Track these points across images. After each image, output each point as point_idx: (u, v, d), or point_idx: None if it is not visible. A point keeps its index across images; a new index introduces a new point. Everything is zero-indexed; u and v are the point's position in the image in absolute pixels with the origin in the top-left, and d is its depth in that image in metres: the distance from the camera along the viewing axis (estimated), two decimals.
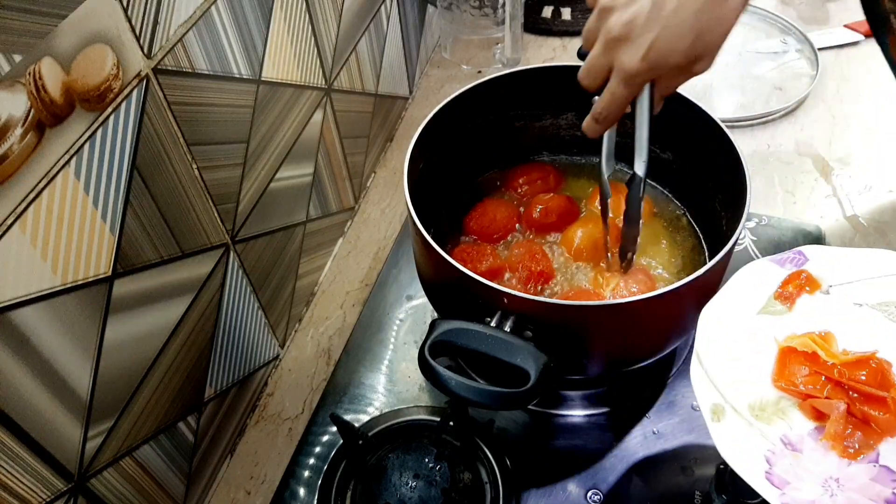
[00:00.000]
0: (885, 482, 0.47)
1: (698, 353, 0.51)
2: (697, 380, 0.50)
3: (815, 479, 0.47)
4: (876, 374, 0.50)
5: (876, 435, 0.48)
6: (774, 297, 0.55)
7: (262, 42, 0.64)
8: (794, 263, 0.56)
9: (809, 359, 0.51)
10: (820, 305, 0.55)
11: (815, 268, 0.56)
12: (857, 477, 0.47)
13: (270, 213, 0.71)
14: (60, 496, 0.49)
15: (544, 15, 1.17)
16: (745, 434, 0.49)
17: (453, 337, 0.52)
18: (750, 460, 0.47)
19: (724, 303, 0.54)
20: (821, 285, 0.55)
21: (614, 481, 0.66)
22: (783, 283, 0.55)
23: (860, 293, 0.55)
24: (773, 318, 0.54)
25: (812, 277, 0.55)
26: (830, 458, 0.48)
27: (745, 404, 0.50)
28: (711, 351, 0.52)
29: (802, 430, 0.49)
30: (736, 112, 0.99)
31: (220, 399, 0.68)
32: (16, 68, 0.40)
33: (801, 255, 0.57)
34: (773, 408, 0.50)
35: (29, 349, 0.44)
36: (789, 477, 0.47)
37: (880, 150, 0.94)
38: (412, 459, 0.65)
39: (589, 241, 0.71)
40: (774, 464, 0.47)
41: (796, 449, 0.48)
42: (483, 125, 0.76)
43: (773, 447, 0.48)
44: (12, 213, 0.41)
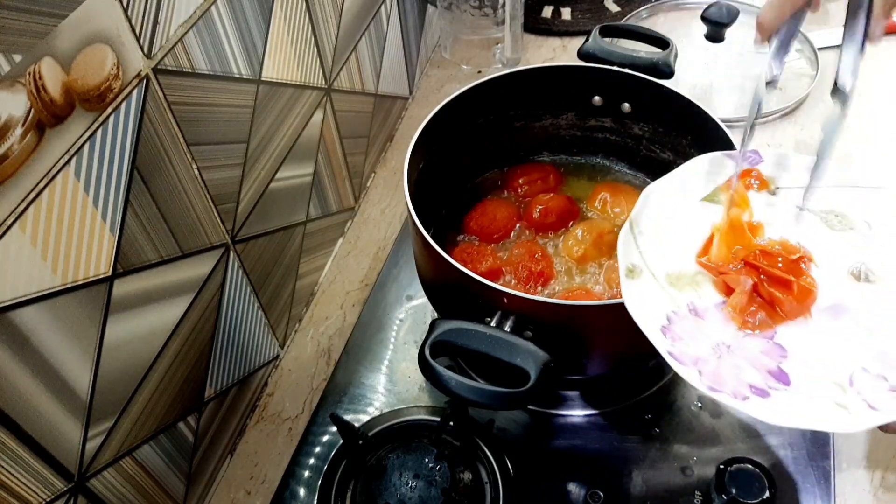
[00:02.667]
0: (774, 356, 0.50)
1: (632, 218, 0.54)
2: (623, 241, 0.52)
3: (707, 342, 0.50)
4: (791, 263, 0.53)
5: (778, 317, 0.51)
6: (721, 188, 0.57)
7: (262, 42, 0.64)
8: (748, 161, 0.59)
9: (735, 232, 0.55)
10: (765, 203, 0.57)
11: (768, 168, 0.58)
12: (749, 347, 0.50)
13: (270, 213, 0.71)
14: (60, 496, 0.49)
15: (544, 15, 1.17)
16: (656, 295, 0.51)
17: (453, 337, 0.52)
18: (651, 315, 0.49)
19: (671, 183, 0.57)
20: (770, 185, 0.58)
21: (614, 481, 0.66)
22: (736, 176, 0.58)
23: (808, 199, 0.57)
24: (715, 206, 0.57)
25: (763, 177, 0.58)
26: (729, 328, 0.51)
27: (662, 271, 0.53)
28: (645, 220, 0.55)
29: (710, 301, 0.52)
30: (736, 112, 0.98)
31: (220, 399, 0.68)
32: (16, 68, 0.40)
33: (756, 154, 0.59)
34: (688, 279, 0.53)
35: (29, 349, 0.44)
36: (684, 335, 0.49)
37: (880, 150, 0.94)
38: (412, 459, 0.65)
39: (589, 242, 0.71)
40: (674, 322, 0.50)
41: (700, 315, 0.51)
42: (483, 125, 0.76)
43: (677, 309, 0.51)
44: (12, 213, 0.41)
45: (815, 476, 0.65)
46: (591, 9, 1.18)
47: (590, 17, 1.16)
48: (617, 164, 0.82)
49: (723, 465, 0.59)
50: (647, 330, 0.48)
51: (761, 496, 0.57)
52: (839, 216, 0.56)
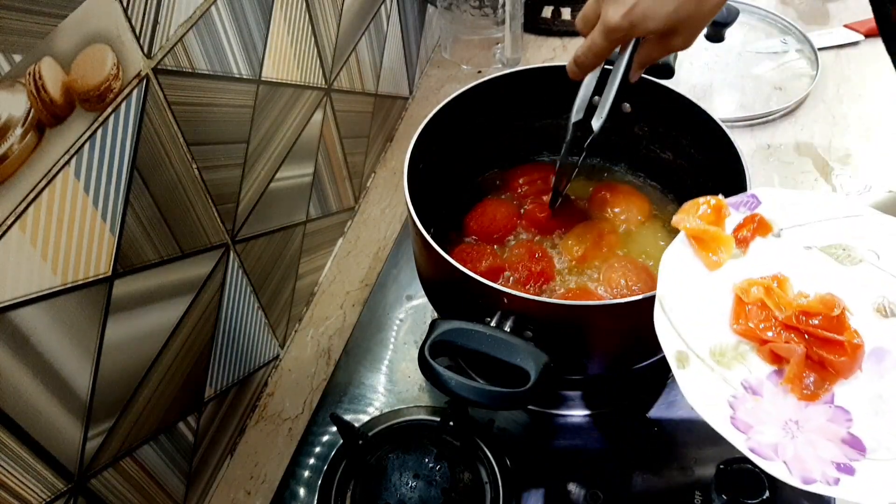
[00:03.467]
0: (840, 422, 0.48)
1: (661, 299, 0.51)
2: (661, 327, 0.50)
3: (776, 422, 0.48)
4: (832, 319, 0.50)
5: (831, 377, 0.49)
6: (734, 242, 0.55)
7: (262, 42, 0.64)
8: (747, 207, 0.57)
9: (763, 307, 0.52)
10: (773, 248, 0.55)
11: (768, 211, 0.56)
12: (815, 418, 0.48)
13: (270, 213, 0.71)
14: (60, 496, 0.49)
15: (544, 15, 1.17)
16: (709, 380, 0.49)
17: (453, 337, 0.52)
18: (715, 407, 0.47)
19: (682, 248, 0.54)
20: (773, 228, 0.56)
21: (614, 481, 0.66)
22: (737, 227, 0.56)
23: (810, 236, 0.55)
24: (731, 261, 0.55)
25: (765, 221, 0.56)
26: (789, 400, 0.49)
27: (706, 350, 0.50)
28: (672, 296, 0.52)
29: (761, 373, 0.50)
30: (736, 112, 0.99)
31: (220, 399, 0.68)
32: (16, 68, 0.40)
33: (754, 198, 0.57)
34: (732, 352, 0.51)
35: (29, 349, 0.44)
36: (752, 421, 0.47)
37: (880, 150, 0.94)
38: (412, 459, 0.65)
39: (589, 242, 0.71)
40: (737, 409, 0.48)
41: (757, 393, 0.49)
42: (483, 125, 0.76)
43: (735, 392, 0.49)
44: (12, 213, 0.41)
45: None
46: None
47: None
48: (617, 164, 0.81)
49: (723, 465, 0.59)
50: (721, 428, 0.45)
51: (761, 496, 0.57)
52: (846, 249, 0.54)
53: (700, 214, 0.55)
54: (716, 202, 0.55)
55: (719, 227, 0.55)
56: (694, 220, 0.54)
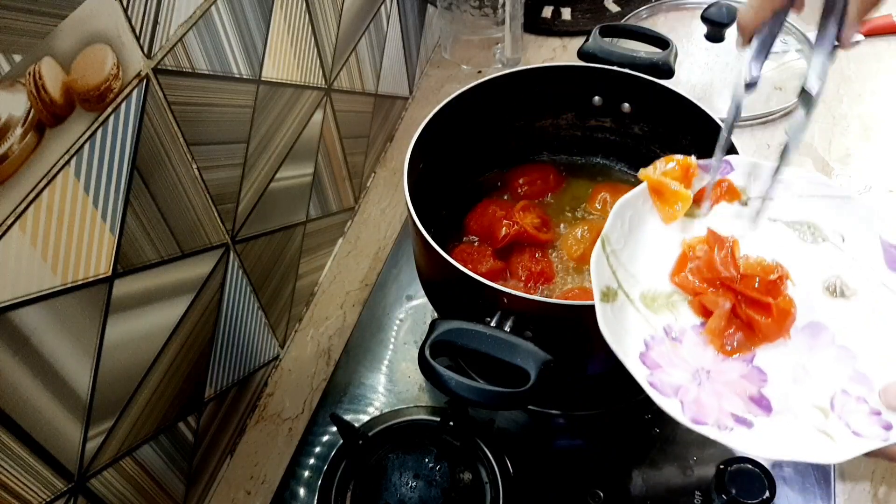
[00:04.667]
0: (754, 381, 0.48)
1: (605, 237, 0.52)
2: (597, 262, 0.50)
3: (687, 368, 0.48)
4: (769, 283, 0.51)
5: (756, 339, 0.50)
6: (692, 199, 0.56)
7: (262, 42, 0.64)
8: (719, 171, 0.57)
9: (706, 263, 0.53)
10: (735, 214, 0.56)
11: (739, 178, 0.57)
12: (729, 372, 0.49)
13: (270, 213, 0.71)
14: (60, 496, 0.49)
15: (544, 15, 1.17)
16: (631, 318, 0.50)
17: (453, 337, 0.52)
18: (628, 341, 0.48)
19: (641, 197, 0.55)
20: (741, 196, 0.56)
21: (614, 481, 0.66)
22: (703, 188, 0.56)
23: (778, 210, 0.56)
24: (687, 219, 0.56)
25: (734, 187, 0.56)
26: (707, 352, 0.49)
27: (637, 292, 0.51)
28: (618, 238, 0.53)
29: (687, 323, 0.51)
30: None
31: (220, 399, 0.68)
32: (16, 68, 0.40)
33: (727, 164, 0.57)
34: (664, 299, 0.52)
35: (29, 349, 0.44)
36: (662, 362, 0.48)
37: (880, 150, 0.94)
38: (412, 459, 0.65)
39: (589, 242, 0.71)
40: (652, 348, 0.48)
41: (677, 339, 0.50)
42: (483, 125, 0.76)
43: (654, 333, 0.49)
44: (12, 213, 0.41)
45: (815, 476, 0.65)
46: (591, 9, 1.18)
47: (590, 17, 1.16)
48: (617, 164, 0.81)
49: (723, 465, 0.59)
50: (626, 359, 0.46)
51: (761, 496, 0.57)
52: (812, 227, 0.55)
53: (667, 170, 0.56)
54: (685, 161, 0.56)
55: (682, 184, 0.55)
56: (658, 173, 0.55)
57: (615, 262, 0.52)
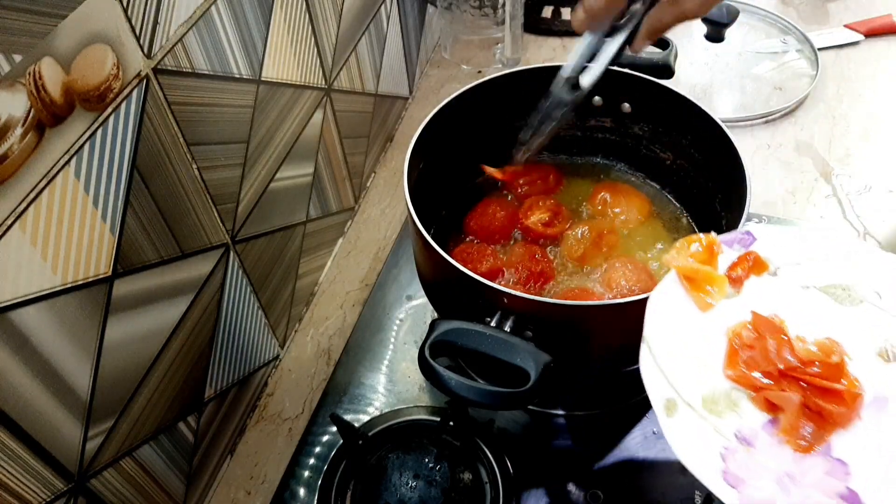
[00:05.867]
0: (839, 476, 0.45)
1: (647, 340, 0.48)
2: (648, 371, 0.47)
3: (770, 476, 0.45)
4: (830, 366, 0.48)
5: (829, 427, 0.47)
6: (727, 281, 0.52)
7: (262, 42, 0.64)
8: (742, 244, 0.54)
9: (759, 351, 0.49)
10: (768, 288, 0.52)
11: (763, 248, 0.53)
12: (811, 472, 0.45)
13: (270, 213, 0.71)
14: (60, 496, 0.49)
15: (544, 15, 1.17)
16: (699, 429, 0.46)
17: (453, 337, 0.52)
18: (705, 458, 0.44)
19: (672, 287, 0.51)
20: (769, 267, 0.53)
21: (614, 481, 0.66)
22: (731, 265, 0.53)
23: (808, 275, 0.53)
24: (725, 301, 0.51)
25: (760, 259, 0.53)
26: (784, 452, 0.46)
27: (697, 397, 0.47)
28: (660, 338, 0.49)
29: (755, 423, 0.47)
30: (736, 112, 0.99)
31: (220, 399, 0.68)
32: (16, 68, 0.40)
33: (749, 235, 0.54)
34: (724, 400, 0.48)
35: (29, 349, 0.44)
36: (744, 474, 0.45)
37: (880, 150, 0.94)
38: (412, 459, 0.65)
39: (589, 242, 0.71)
40: (729, 461, 0.45)
41: (750, 444, 0.46)
42: (483, 125, 0.76)
43: (727, 443, 0.46)
44: (12, 213, 0.41)
45: None
46: None
47: None
48: (617, 164, 0.81)
49: None
50: (710, 482, 0.42)
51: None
52: (846, 289, 0.52)
53: (691, 253, 0.52)
54: (708, 240, 0.53)
55: (711, 266, 0.52)
56: (685, 258, 0.52)
57: (664, 366, 0.48)
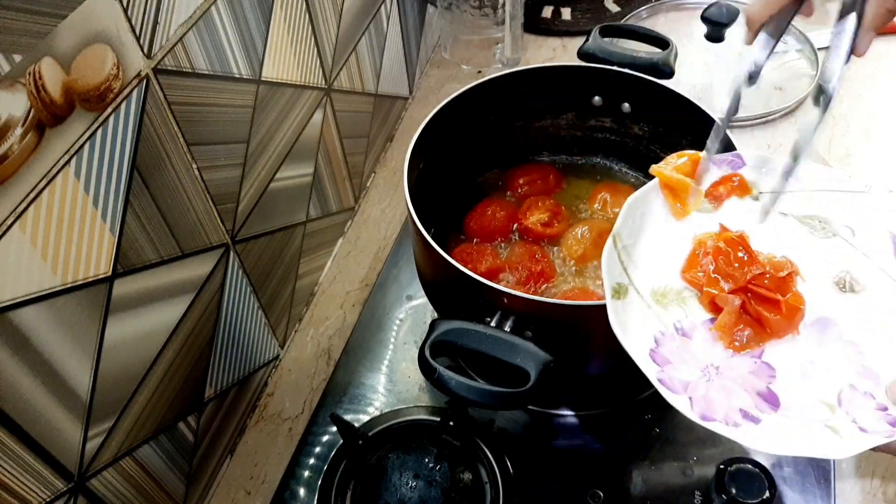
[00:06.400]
0: (763, 377, 0.48)
1: (616, 234, 0.52)
2: (607, 258, 0.50)
3: (696, 364, 0.48)
4: (778, 280, 0.51)
5: (765, 335, 0.50)
6: (704, 194, 0.56)
7: (262, 42, 0.64)
8: (730, 165, 0.57)
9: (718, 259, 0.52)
10: (747, 209, 0.56)
11: (750, 173, 0.56)
12: (738, 368, 0.49)
13: (270, 213, 0.71)
14: (60, 496, 0.49)
15: (544, 15, 1.17)
16: (641, 314, 0.50)
17: (453, 337, 0.52)
18: (638, 337, 0.48)
19: (652, 193, 0.55)
20: (752, 191, 0.56)
21: (614, 481, 0.66)
22: (715, 183, 0.56)
23: (789, 204, 0.56)
24: (698, 214, 0.55)
25: (745, 182, 0.56)
26: (717, 348, 0.49)
27: (648, 288, 0.51)
28: (629, 234, 0.53)
29: (697, 319, 0.51)
30: (736, 112, 0.98)
31: (220, 399, 0.68)
32: (16, 68, 0.40)
33: (739, 158, 0.57)
34: (674, 295, 0.52)
35: (29, 349, 0.44)
36: (672, 358, 0.48)
37: (880, 150, 0.94)
38: (412, 459, 0.65)
39: (589, 241, 0.71)
40: (662, 344, 0.49)
41: (687, 335, 0.50)
42: (483, 125, 0.76)
43: (664, 329, 0.50)
44: (12, 213, 0.41)
45: (815, 476, 0.65)
46: (591, 9, 1.18)
47: (590, 17, 1.16)
48: (617, 164, 0.82)
49: (723, 465, 0.59)
50: (636, 356, 0.46)
51: (761, 496, 0.57)
52: (822, 221, 0.55)
53: (678, 164, 0.56)
54: (695, 155, 0.56)
55: (693, 179, 0.55)
56: (669, 168, 0.55)
57: (626, 258, 0.52)
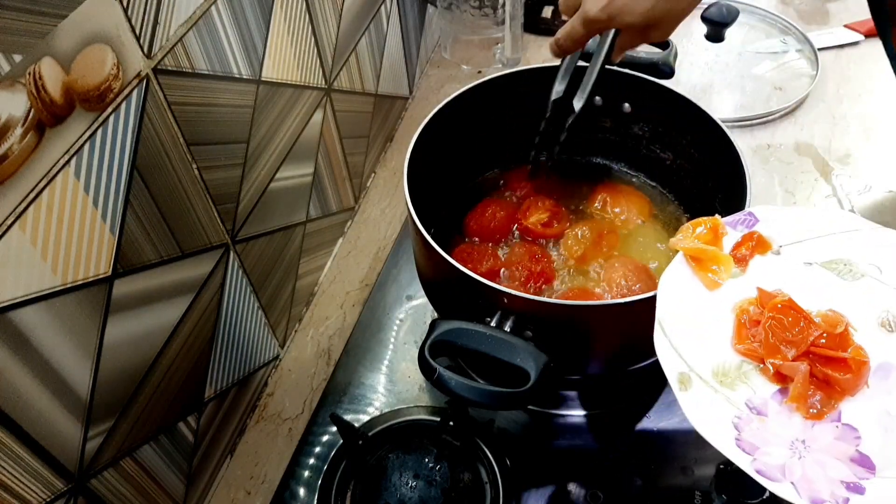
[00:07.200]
0: (849, 440, 0.47)
1: (661, 321, 0.50)
2: (662, 349, 0.49)
3: (782, 443, 0.47)
4: (836, 337, 0.50)
5: (837, 394, 0.49)
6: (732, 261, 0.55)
7: (262, 42, 0.64)
8: (745, 225, 0.56)
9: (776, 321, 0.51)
10: (772, 266, 0.55)
11: (766, 228, 0.56)
12: (822, 437, 0.47)
13: (270, 213, 0.71)
14: (60, 496, 0.49)
15: (544, 15, 1.17)
16: (712, 401, 0.49)
17: (453, 337, 0.52)
18: (719, 428, 0.47)
19: (680, 268, 0.54)
20: (772, 246, 0.56)
21: (614, 481, 0.66)
22: (735, 245, 0.55)
23: (810, 252, 0.55)
24: (730, 280, 0.54)
25: (763, 238, 0.56)
26: (795, 420, 0.48)
27: (708, 371, 0.50)
28: (672, 317, 0.51)
29: (765, 393, 0.49)
30: (736, 112, 0.99)
31: (220, 399, 0.68)
32: (16, 68, 0.40)
33: (751, 216, 0.57)
34: (735, 372, 0.50)
35: (29, 349, 0.44)
36: (757, 441, 0.47)
37: (880, 150, 0.94)
38: (412, 459, 0.65)
39: (589, 242, 0.71)
40: (742, 430, 0.47)
41: (761, 413, 0.48)
42: (483, 125, 0.76)
43: (739, 412, 0.48)
44: (12, 213, 0.41)
45: None
46: None
47: None
48: (617, 164, 0.82)
49: (723, 465, 0.59)
50: (725, 450, 0.45)
51: (761, 496, 0.57)
52: (847, 264, 0.54)
53: (697, 235, 0.55)
54: (712, 222, 0.55)
55: (717, 247, 0.55)
56: (691, 240, 0.54)
57: (677, 343, 0.50)
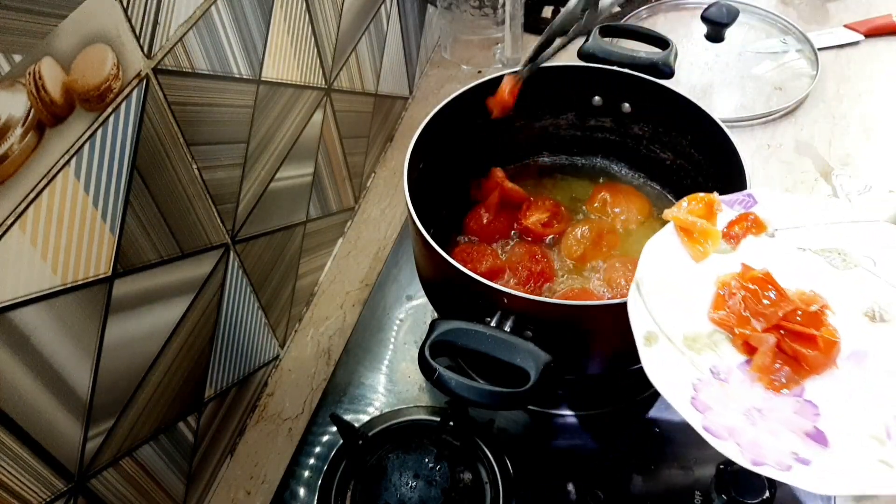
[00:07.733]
0: (808, 416, 0.48)
1: (638, 281, 0.52)
2: (633, 307, 0.50)
3: (738, 408, 0.48)
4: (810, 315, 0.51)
5: (804, 371, 0.49)
6: (721, 235, 0.56)
7: (262, 42, 0.64)
8: (742, 205, 0.57)
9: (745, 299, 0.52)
10: (765, 247, 0.55)
11: (763, 211, 0.57)
12: (781, 409, 0.48)
13: (270, 213, 0.71)
14: (60, 496, 0.49)
15: (544, 15, 1.17)
16: (676, 361, 0.49)
17: (453, 337, 0.52)
18: (677, 385, 0.48)
19: (669, 237, 0.55)
20: (767, 228, 0.56)
21: (614, 481, 0.66)
22: (730, 223, 0.56)
23: (805, 238, 0.56)
24: (717, 255, 0.55)
25: (759, 220, 0.56)
26: (756, 389, 0.49)
27: (679, 334, 0.51)
28: (651, 280, 0.52)
29: (732, 362, 0.50)
30: (736, 112, 0.99)
31: (220, 399, 0.68)
32: (16, 68, 0.40)
33: (750, 197, 0.57)
34: (705, 339, 0.51)
35: (29, 349, 0.44)
36: (713, 404, 0.47)
37: (880, 150, 0.94)
38: (412, 459, 0.65)
39: (589, 242, 0.71)
40: (700, 391, 0.48)
41: (724, 379, 0.49)
42: (483, 125, 0.76)
43: (700, 375, 0.49)
44: (12, 213, 0.41)
45: None
46: None
47: None
48: (617, 164, 0.82)
49: (723, 465, 0.59)
50: (678, 405, 0.46)
51: (761, 496, 0.57)
52: (841, 254, 0.55)
53: (692, 208, 0.56)
54: (708, 198, 0.56)
55: (710, 222, 0.56)
56: (684, 212, 0.56)
57: (652, 305, 0.51)
